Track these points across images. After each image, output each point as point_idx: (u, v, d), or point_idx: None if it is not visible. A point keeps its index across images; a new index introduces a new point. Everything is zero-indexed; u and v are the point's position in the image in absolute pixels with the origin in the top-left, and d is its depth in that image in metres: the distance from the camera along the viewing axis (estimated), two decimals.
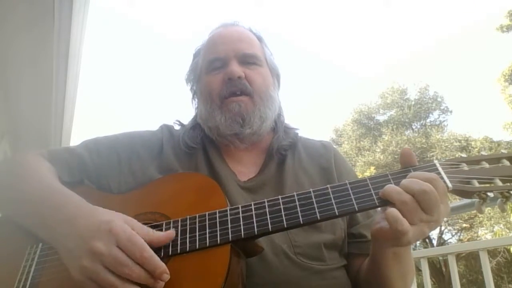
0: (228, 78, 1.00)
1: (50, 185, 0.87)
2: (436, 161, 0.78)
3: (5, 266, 0.83)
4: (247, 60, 1.04)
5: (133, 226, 0.73)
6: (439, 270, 13.43)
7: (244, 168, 1.04)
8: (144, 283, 0.69)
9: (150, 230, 0.75)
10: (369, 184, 0.77)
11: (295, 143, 1.10)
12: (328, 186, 0.78)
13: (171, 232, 0.76)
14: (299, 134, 1.14)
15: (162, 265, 0.70)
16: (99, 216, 0.74)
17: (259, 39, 1.12)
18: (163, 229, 0.79)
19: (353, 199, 0.75)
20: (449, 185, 0.74)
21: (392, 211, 0.70)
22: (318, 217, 0.75)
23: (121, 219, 0.74)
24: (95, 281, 0.69)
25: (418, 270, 2.47)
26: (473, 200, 0.75)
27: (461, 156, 0.80)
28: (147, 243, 0.71)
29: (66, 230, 0.75)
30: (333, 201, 0.76)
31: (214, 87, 1.02)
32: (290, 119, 1.14)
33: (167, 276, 0.70)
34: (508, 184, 0.73)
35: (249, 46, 1.06)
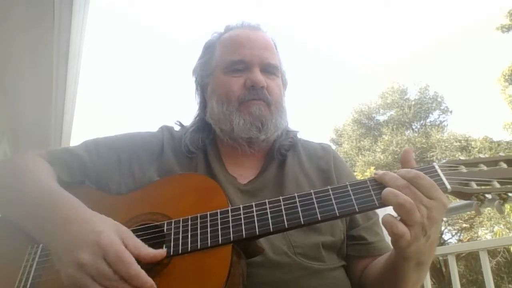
0: (251, 85, 0.99)
1: (48, 186, 0.87)
2: (435, 164, 0.79)
3: (5, 266, 0.83)
4: (269, 70, 1.04)
5: (123, 239, 0.72)
6: (439, 270, 13.42)
7: (245, 171, 1.04)
8: None
9: (141, 244, 0.73)
10: (369, 186, 0.77)
11: (295, 144, 1.10)
12: (328, 187, 0.79)
13: (162, 252, 0.74)
14: (299, 136, 1.14)
15: (149, 281, 0.68)
16: (91, 225, 0.73)
17: (275, 45, 1.12)
18: (165, 229, 0.79)
19: (354, 200, 0.76)
20: (448, 186, 0.74)
21: (386, 216, 0.72)
22: (319, 218, 0.75)
23: (113, 230, 0.72)
24: None
25: None
26: (473, 201, 0.76)
27: (459, 159, 0.81)
28: (135, 257, 0.70)
29: (58, 234, 0.75)
30: (333, 201, 0.76)
31: (234, 89, 1.00)
32: (290, 118, 1.14)
33: None
34: (506, 186, 0.74)
35: (273, 55, 1.06)
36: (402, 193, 0.71)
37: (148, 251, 0.73)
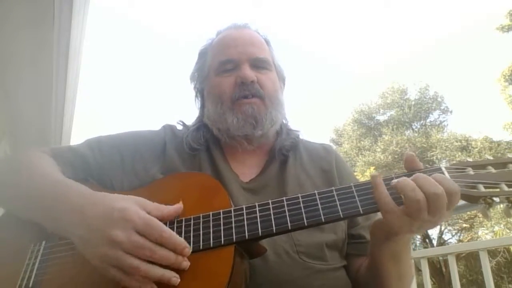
0: (241, 81, 1.00)
1: (53, 177, 0.88)
2: (442, 166, 0.78)
3: (8, 264, 0.83)
4: (259, 65, 1.04)
5: (145, 207, 0.74)
6: (439, 270, 13.44)
7: (247, 169, 1.04)
8: (168, 262, 0.70)
9: (160, 205, 0.76)
10: None
11: (297, 144, 1.10)
12: (333, 188, 0.78)
13: (179, 205, 0.79)
14: (300, 137, 1.14)
15: (182, 241, 0.71)
16: (111, 203, 0.74)
17: (267, 42, 1.13)
18: None
19: (358, 202, 0.75)
20: None
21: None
22: (323, 219, 0.75)
23: (134, 204, 0.74)
24: (118, 267, 0.69)
25: (418, 270, 2.47)
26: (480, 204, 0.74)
27: (467, 161, 0.79)
28: (161, 219, 0.73)
29: (75, 219, 0.75)
30: (338, 203, 0.75)
31: (225, 89, 1.02)
32: (290, 119, 1.15)
33: (188, 250, 0.71)
34: None
35: (261, 50, 1.07)
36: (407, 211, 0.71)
37: (169, 208, 0.77)
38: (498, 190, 0.73)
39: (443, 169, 0.77)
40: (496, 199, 0.72)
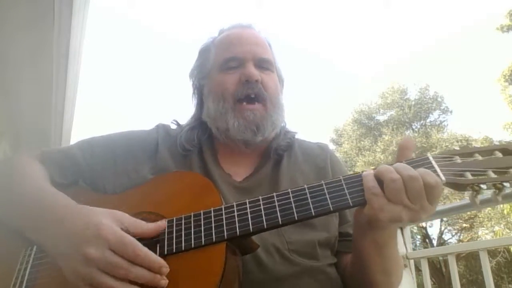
0: (246, 80, 0.99)
1: (40, 186, 0.87)
2: (429, 155, 0.78)
3: (0, 269, 0.82)
4: (263, 65, 1.04)
5: (122, 223, 0.73)
6: (439, 270, 13.41)
7: (240, 169, 1.04)
8: (145, 281, 0.69)
9: (139, 222, 0.75)
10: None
11: (292, 144, 1.10)
12: (322, 181, 0.78)
13: (161, 224, 0.77)
14: (296, 136, 1.14)
15: (159, 259, 0.70)
16: (87, 218, 0.73)
17: (269, 44, 1.13)
18: None
19: (347, 194, 0.75)
20: (443, 178, 0.73)
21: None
22: (313, 213, 0.75)
23: (110, 219, 0.73)
24: (92, 286, 0.68)
25: (418, 270, 2.47)
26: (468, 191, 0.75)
27: (454, 149, 0.80)
28: (139, 236, 0.72)
29: (54, 232, 0.75)
30: (327, 196, 0.76)
31: (228, 86, 1.01)
32: (290, 120, 1.15)
33: (166, 270, 0.70)
34: (501, 175, 0.73)
35: (265, 51, 1.07)
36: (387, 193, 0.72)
37: (149, 226, 0.75)
38: (485, 177, 0.73)
39: (431, 158, 0.77)
40: (483, 186, 0.72)
